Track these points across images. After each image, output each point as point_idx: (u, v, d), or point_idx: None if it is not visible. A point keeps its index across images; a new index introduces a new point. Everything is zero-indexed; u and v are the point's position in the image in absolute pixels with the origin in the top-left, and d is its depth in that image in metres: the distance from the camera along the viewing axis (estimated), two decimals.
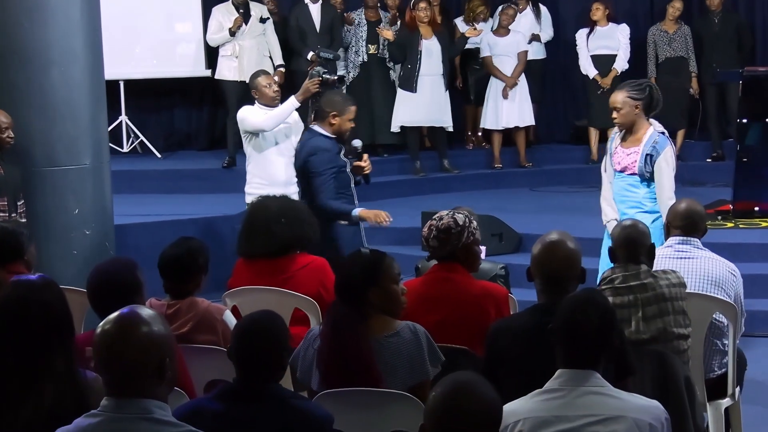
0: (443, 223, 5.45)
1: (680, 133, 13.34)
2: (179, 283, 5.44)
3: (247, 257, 6.29)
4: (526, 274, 4.77)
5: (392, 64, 13.07)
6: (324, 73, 8.40)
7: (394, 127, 12.88)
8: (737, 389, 6.01)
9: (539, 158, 13.65)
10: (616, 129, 7.47)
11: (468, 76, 13.61)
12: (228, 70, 12.42)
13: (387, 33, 12.63)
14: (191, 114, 14.56)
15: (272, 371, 3.94)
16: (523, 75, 13.19)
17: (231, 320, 5.36)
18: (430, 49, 12.56)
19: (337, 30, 12.86)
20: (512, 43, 13.13)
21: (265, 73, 9.16)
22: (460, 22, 13.48)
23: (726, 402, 5.92)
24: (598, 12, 13.24)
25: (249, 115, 8.70)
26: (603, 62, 13.25)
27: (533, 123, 13.47)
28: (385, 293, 4.68)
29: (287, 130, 8.69)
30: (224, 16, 12.42)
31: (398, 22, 12.95)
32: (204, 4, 13.36)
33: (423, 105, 12.52)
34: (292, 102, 8.51)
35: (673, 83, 13.18)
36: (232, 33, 12.30)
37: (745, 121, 10.42)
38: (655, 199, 7.14)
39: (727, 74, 12.08)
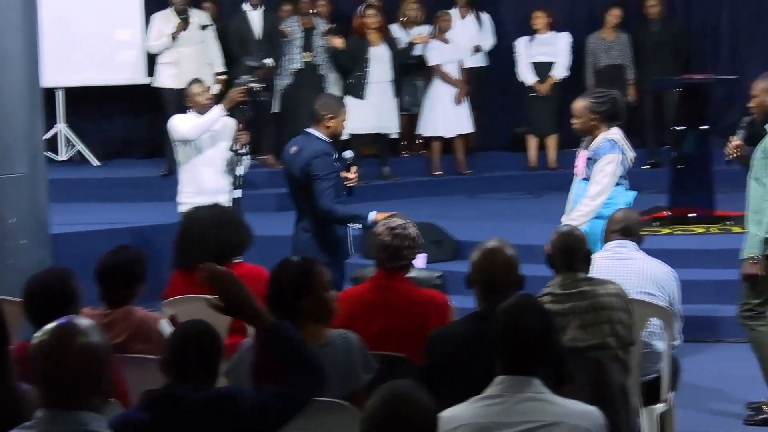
0: (410, 232, 5.49)
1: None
2: (116, 292, 5.41)
3: (183, 269, 6.26)
4: (465, 280, 4.78)
5: (326, 72, 13.02)
6: (250, 81, 8.40)
7: (344, 135, 12.85)
8: (671, 394, 6.07)
9: (478, 165, 13.68)
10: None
11: (402, 84, 13.50)
12: (167, 78, 12.36)
13: (337, 41, 12.61)
14: (130, 122, 14.49)
15: (202, 381, 3.91)
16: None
17: (167, 329, 5.33)
18: (379, 56, 12.59)
19: (277, 37, 12.85)
20: (455, 50, 13.17)
21: (198, 81, 9.15)
22: (395, 28, 13.48)
23: (660, 407, 5.98)
24: (539, 20, 13.33)
25: (176, 124, 8.74)
26: (542, 69, 13.34)
27: (473, 130, 13.51)
28: (316, 302, 4.65)
29: (213, 139, 8.70)
30: (164, 23, 12.36)
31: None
32: (144, 11, 13.30)
33: (372, 112, 12.51)
34: (217, 111, 8.53)
35: None
36: (173, 37, 12.25)
37: (681, 128, 10.52)
38: (607, 204, 7.15)
39: (664, 82, 12.19)
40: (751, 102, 7.07)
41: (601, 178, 7.15)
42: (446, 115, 13.12)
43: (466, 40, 13.45)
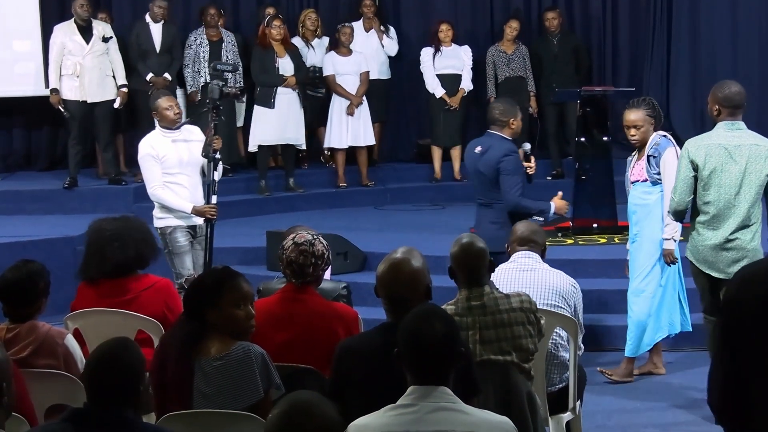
0: (317, 249, 5.46)
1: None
2: (19, 307, 5.34)
3: (88, 281, 6.20)
4: (374, 292, 4.78)
5: (233, 83, 12.97)
6: (223, 86, 8.28)
7: (252, 146, 12.87)
8: (578, 403, 6.13)
9: (383, 177, 13.73)
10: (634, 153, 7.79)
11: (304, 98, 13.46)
12: (69, 90, 12.20)
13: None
14: (31, 134, 14.30)
15: (124, 398, 3.87)
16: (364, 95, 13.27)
17: (73, 344, 5.28)
18: (285, 67, 12.60)
19: (177, 50, 12.78)
20: (355, 62, 13.20)
21: (166, 94, 9.00)
22: (297, 41, 13.47)
23: (567, 416, 6.04)
24: (445, 33, 13.40)
25: (144, 167, 8.55)
26: (448, 81, 13.41)
27: (374, 143, 13.55)
28: (223, 316, 4.64)
29: (180, 156, 8.56)
30: (66, 35, 12.20)
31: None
32: (43, 23, 13.15)
33: (279, 123, 12.49)
34: (185, 207, 8.40)
35: None
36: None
37: (583, 139, 10.64)
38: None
39: (566, 94, 12.31)
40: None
41: (671, 171, 7.32)
42: (343, 127, 13.14)
43: (371, 52, 13.48)
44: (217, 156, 8.18)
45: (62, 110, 12.11)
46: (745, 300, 3.23)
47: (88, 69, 12.12)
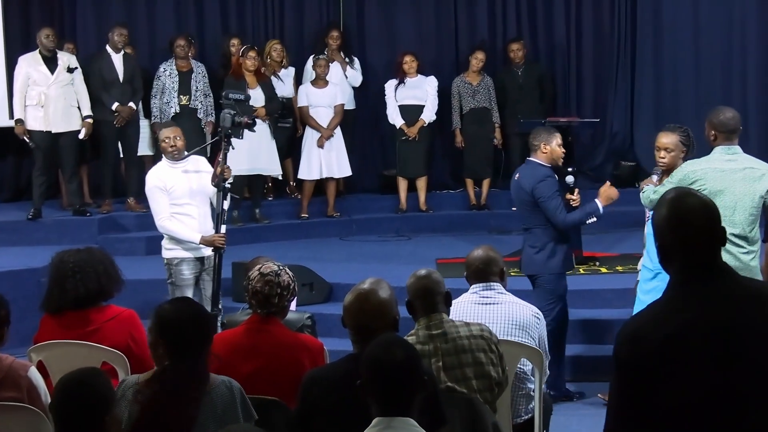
0: (283, 279, 5.45)
1: (485, 182, 13.65)
2: None
3: (51, 313, 6.15)
4: (341, 322, 4.78)
5: (203, 115, 12.97)
6: (235, 115, 8.26)
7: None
8: None
9: (348, 208, 13.72)
10: (651, 179, 7.73)
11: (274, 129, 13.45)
12: (34, 120, 12.13)
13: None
14: None
15: (93, 426, 3.85)
16: (338, 126, 13.26)
17: (36, 376, 5.24)
18: (256, 98, 12.62)
19: (137, 80, 12.74)
20: (330, 94, 13.22)
21: (168, 126, 8.96)
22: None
23: None
24: (409, 64, 13.43)
25: (152, 198, 8.56)
26: (411, 112, 13.44)
27: (350, 173, 13.55)
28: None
29: (191, 186, 8.55)
30: (31, 65, 12.16)
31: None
32: (7, 53, 13.11)
33: (251, 153, 12.46)
34: (194, 238, 8.40)
35: (477, 133, 13.52)
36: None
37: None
38: None
39: (531, 124, 12.33)
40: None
41: None
42: (313, 159, 13.14)
43: (335, 82, 13.49)
44: (227, 185, 8.19)
45: (27, 141, 12.06)
46: (638, 357, 3.33)
47: (53, 99, 12.07)
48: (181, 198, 8.47)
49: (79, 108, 12.28)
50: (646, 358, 3.32)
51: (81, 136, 12.24)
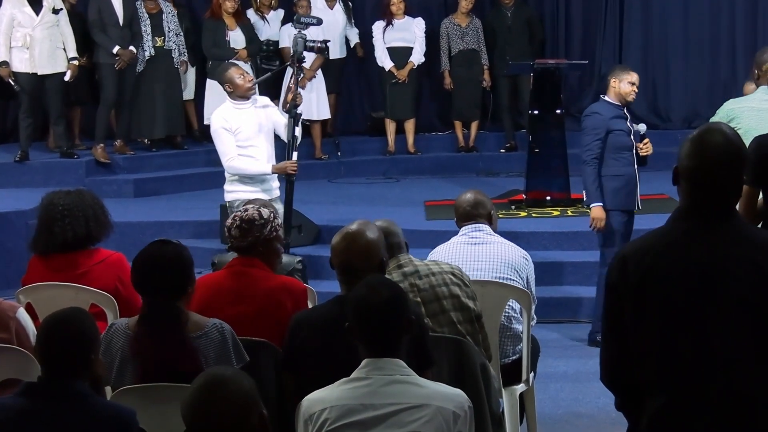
0: (248, 214, 5.41)
1: (474, 125, 13.63)
2: None
3: (39, 255, 6.15)
4: (329, 263, 4.78)
5: (177, 54, 12.91)
6: (307, 40, 8.20)
7: (207, 119, 12.78)
8: (531, 374, 6.17)
9: (335, 150, 13.66)
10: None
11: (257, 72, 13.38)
12: (20, 62, 12.03)
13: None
14: None
15: (78, 369, 3.87)
16: (320, 69, 13.20)
17: (25, 317, 5.24)
18: (237, 40, 12.54)
19: (137, 23, 12.62)
20: (312, 35, 13.09)
21: (234, 65, 8.88)
22: (251, 14, 13.40)
23: (521, 387, 6.07)
24: (397, 5, 13.35)
25: (218, 140, 8.39)
26: (399, 54, 13.38)
27: (329, 116, 13.50)
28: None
29: (260, 126, 8.44)
30: (16, 6, 12.04)
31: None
32: None
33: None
34: (265, 169, 8.35)
35: (466, 75, 13.47)
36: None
37: (536, 112, 10.68)
38: None
39: (519, 66, 12.34)
40: None
41: None
42: (305, 101, 13.06)
43: (334, 30, 13.37)
44: (299, 111, 8.15)
45: (12, 83, 11.98)
46: (622, 283, 3.43)
47: (38, 41, 11.97)
48: (247, 139, 8.35)
49: (65, 50, 12.18)
50: (628, 286, 3.42)
51: (66, 78, 12.14)
